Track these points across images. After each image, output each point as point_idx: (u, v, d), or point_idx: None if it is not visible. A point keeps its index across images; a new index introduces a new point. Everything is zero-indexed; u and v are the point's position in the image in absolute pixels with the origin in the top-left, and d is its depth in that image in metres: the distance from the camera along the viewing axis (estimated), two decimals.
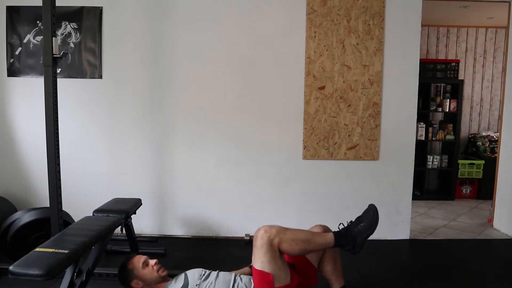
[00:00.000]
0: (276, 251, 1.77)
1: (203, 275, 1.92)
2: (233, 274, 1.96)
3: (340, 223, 1.98)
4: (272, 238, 1.75)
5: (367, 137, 3.26)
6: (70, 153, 3.22)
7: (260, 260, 1.76)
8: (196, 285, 1.86)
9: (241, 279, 1.91)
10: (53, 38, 2.29)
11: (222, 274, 1.94)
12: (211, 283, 1.87)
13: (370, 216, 1.93)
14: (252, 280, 1.88)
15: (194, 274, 1.94)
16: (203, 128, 3.28)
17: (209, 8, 3.18)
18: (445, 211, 4.34)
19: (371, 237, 3.37)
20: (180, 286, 1.87)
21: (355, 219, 1.95)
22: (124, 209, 2.65)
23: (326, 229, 2.07)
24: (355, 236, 1.89)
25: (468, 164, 4.84)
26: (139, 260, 1.92)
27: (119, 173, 3.31)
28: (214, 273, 1.95)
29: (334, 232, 1.91)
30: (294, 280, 1.82)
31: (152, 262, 1.93)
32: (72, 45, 3.21)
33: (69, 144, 3.21)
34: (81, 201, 3.26)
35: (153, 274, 1.90)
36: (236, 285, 1.87)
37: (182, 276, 1.94)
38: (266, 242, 1.75)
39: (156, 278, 1.90)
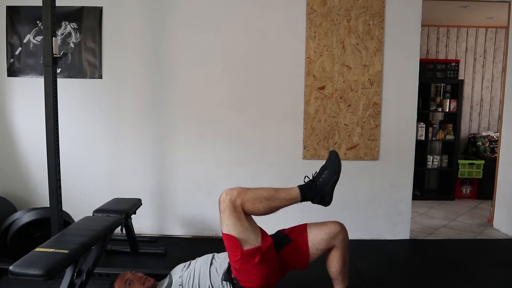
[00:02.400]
0: (240, 212, 1.72)
1: (184, 266, 1.96)
2: (212, 254, 2.00)
3: (305, 176, 1.90)
4: (233, 200, 1.71)
5: (367, 137, 3.26)
6: (70, 153, 3.22)
7: (225, 223, 1.73)
8: (179, 277, 1.88)
9: (218, 256, 1.95)
10: (53, 38, 2.29)
11: (201, 258, 1.98)
12: (192, 269, 1.91)
13: (332, 161, 1.83)
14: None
15: (176, 270, 1.97)
16: (203, 128, 3.28)
17: (209, 8, 3.18)
18: (445, 211, 4.34)
19: (371, 237, 3.39)
20: (165, 286, 1.88)
21: (319, 169, 1.86)
22: (124, 209, 2.65)
23: (343, 228, 1.96)
24: (322, 185, 1.80)
25: (468, 164, 4.84)
26: (122, 280, 1.90)
27: (119, 173, 3.31)
28: (193, 261, 1.98)
29: (300, 186, 1.83)
30: (266, 242, 1.77)
31: (136, 276, 1.92)
32: (72, 45, 3.21)
33: (69, 144, 3.22)
34: (81, 201, 3.26)
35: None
36: (214, 261, 1.91)
37: (167, 277, 1.98)
38: (228, 205, 1.71)
39: None
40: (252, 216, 1.81)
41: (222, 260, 1.92)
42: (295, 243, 1.92)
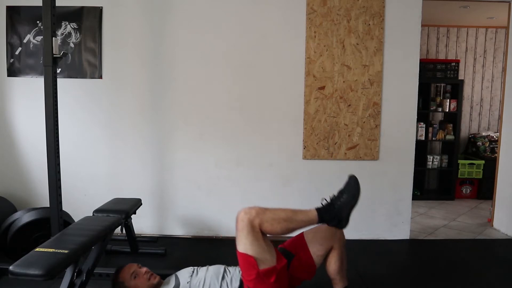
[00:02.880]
0: (258, 233, 1.72)
1: (192, 272, 1.95)
2: (223, 266, 1.98)
3: (322, 198, 1.90)
4: (252, 220, 1.70)
5: (367, 137, 3.26)
6: (70, 153, 3.22)
7: (242, 242, 1.72)
8: (187, 283, 1.87)
9: (229, 270, 1.94)
10: (53, 38, 2.29)
11: (212, 267, 1.96)
12: (202, 278, 1.89)
13: (352, 186, 1.85)
14: (240, 271, 1.89)
15: (184, 273, 1.95)
16: (203, 128, 3.28)
17: (209, 8, 3.18)
18: (445, 211, 4.34)
19: (371, 237, 3.39)
20: (172, 287, 1.88)
21: (337, 192, 1.88)
22: (124, 209, 2.65)
23: (341, 232, 2.03)
24: (339, 209, 1.81)
25: (468, 164, 4.84)
26: (128, 271, 1.90)
27: (119, 173, 3.31)
28: (203, 268, 1.97)
29: (318, 208, 1.84)
30: (281, 262, 1.78)
31: (142, 271, 1.91)
32: (72, 45, 3.21)
33: (69, 144, 3.22)
34: (81, 201, 3.26)
35: (144, 284, 1.89)
36: (226, 275, 1.90)
37: (172, 277, 1.96)
38: (247, 224, 1.70)
39: (148, 286, 1.90)
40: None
41: (233, 275, 1.91)
42: (298, 257, 1.94)
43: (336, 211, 1.81)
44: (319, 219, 1.80)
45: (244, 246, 1.72)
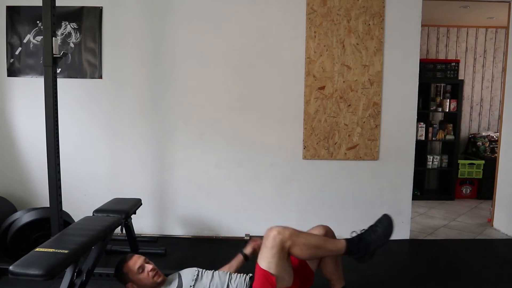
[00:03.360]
0: (285, 253, 1.74)
1: (197, 275, 1.91)
2: (227, 275, 1.93)
3: (352, 231, 1.92)
4: (284, 241, 1.71)
5: (367, 137, 3.26)
6: (70, 153, 3.22)
7: (267, 260, 1.72)
8: (190, 286, 1.85)
9: (234, 281, 1.90)
10: (53, 38, 2.29)
11: (217, 275, 1.92)
12: (207, 285, 1.86)
13: (385, 227, 1.87)
14: (246, 280, 1.88)
15: (187, 274, 1.93)
16: (203, 128, 3.28)
17: (209, 8, 3.18)
18: (445, 211, 4.34)
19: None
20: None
21: (368, 227, 1.89)
22: (124, 209, 2.65)
23: (328, 230, 2.04)
24: (368, 245, 1.83)
25: (468, 164, 4.84)
26: (135, 263, 1.88)
27: (119, 173, 3.31)
28: (209, 274, 1.92)
29: (347, 240, 1.86)
30: (296, 283, 1.81)
31: (149, 267, 1.89)
32: (72, 45, 3.21)
33: (69, 144, 3.21)
34: (81, 201, 3.26)
35: (148, 280, 1.87)
36: (230, 284, 1.87)
37: (176, 276, 1.93)
38: (278, 244, 1.71)
39: (151, 284, 1.88)
40: None
41: (238, 284, 1.88)
42: (296, 268, 1.92)
43: (365, 246, 1.83)
44: (347, 250, 1.83)
45: (268, 264, 1.72)
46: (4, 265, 2.36)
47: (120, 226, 2.47)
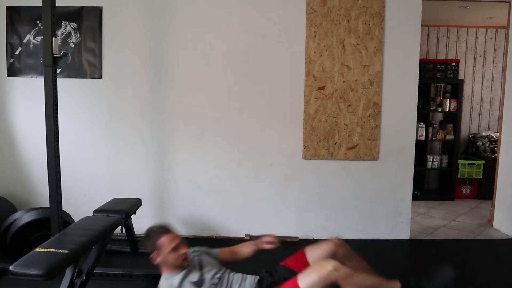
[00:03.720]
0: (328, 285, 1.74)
1: (221, 276, 1.89)
2: (241, 276, 1.93)
3: (402, 277, 1.87)
4: (337, 278, 1.69)
5: (367, 137, 3.26)
6: (70, 153, 3.22)
7: (309, 284, 1.70)
8: (212, 284, 1.84)
9: (248, 282, 1.90)
10: (53, 38, 2.29)
11: (248, 284, 1.91)
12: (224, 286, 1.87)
13: (446, 279, 1.82)
14: (254, 282, 1.88)
15: (210, 271, 1.90)
16: (203, 128, 3.28)
17: (209, 8, 3.18)
18: (445, 211, 4.34)
19: (371, 237, 3.39)
20: (195, 280, 1.83)
21: (427, 275, 1.86)
22: (124, 209, 2.65)
23: (338, 245, 1.99)
24: None
25: (468, 164, 4.84)
26: (172, 241, 1.82)
27: (119, 173, 3.31)
28: (237, 278, 1.92)
29: (402, 284, 1.83)
30: None
31: (182, 251, 1.83)
32: (72, 45, 3.21)
33: (69, 144, 3.21)
34: (81, 201, 3.26)
35: (175, 261, 1.82)
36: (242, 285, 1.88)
37: (197, 270, 1.90)
38: (330, 279, 1.69)
39: (176, 265, 1.83)
40: None
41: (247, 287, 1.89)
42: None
43: None
44: None
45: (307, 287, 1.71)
46: (4, 265, 2.36)
47: (120, 226, 2.48)
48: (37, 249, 1.72)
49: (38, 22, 3.18)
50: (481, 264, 2.88)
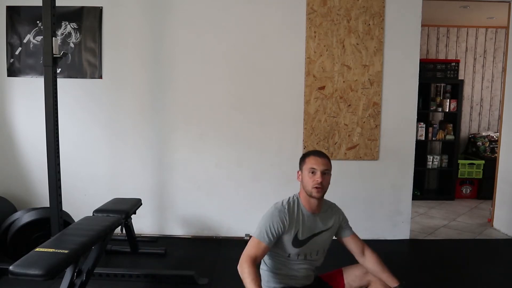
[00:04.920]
0: None
1: (313, 257, 1.84)
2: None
3: None
4: None
5: (367, 137, 3.26)
6: (70, 153, 3.22)
7: None
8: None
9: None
10: (53, 38, 2.29)
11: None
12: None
13: None
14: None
15: (314, 244, 1.82)
16: (203, 128, 3.28)
17: (209, 8, 3.18)
18: (445, 211, 4.34)
19: (371, 237, 3.39)
20: (300, 238, 1.75)
21: None
22: (124, 209, 2.65)
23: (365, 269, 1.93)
24: None
25: (468, 164, 4.84)
26: (312, 164, 1.75)
27: (119, 173, 3.31)
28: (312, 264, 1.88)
29: None
30: None
31: (317, 178, 1.73)
32: (72, 45, 3.21)
33: (69, 144, 3.21)
34: (81, 201, 3.26)
35: (306, 186, 1.76)
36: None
37: (339, 214, 1.91)
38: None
39: (307, 190, 1.76)
40: None
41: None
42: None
43: None
44: None
45: None
46: (4, 265, 2.36)
47: (120, 226, 2.48)
48: (37, 249, 1.72)
49: (38, 22, 3.18)
50: (481, 264, 2.88)
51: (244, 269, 1.60)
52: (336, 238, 1.91)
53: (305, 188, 1.77)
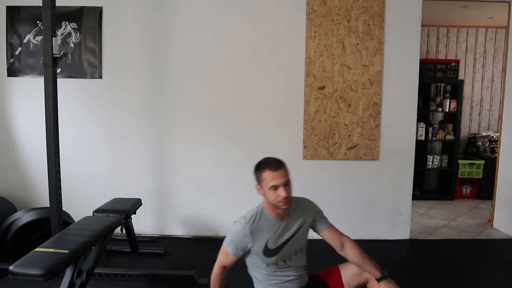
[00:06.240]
0: None
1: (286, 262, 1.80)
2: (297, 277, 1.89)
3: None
4: None
5: (367, 137, 3.26)
6: (70, 153, 3.22)
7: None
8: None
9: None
10: (53, 38, 2.29)
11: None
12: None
13: None
14: None
15: (290, 248, 1.79)
16: (203, 128, 3.28)
17: (209, 8, 3.18)
18: (445, 211, 4.34)
19: (371, 237, 3.39)
20: (271, 248, 1.72)
21: None
22: (124, 209, 2.65)
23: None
24: None
25: (468, 164, 4.84)
26: (273, 179, 1.67)
27: (119, 173, 3.31)
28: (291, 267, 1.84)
29: None
30: None
31: (282, 193, 1.66)
32: (72, 45, 3.21)
33: (69, 144, 3.21)
34: (81, 201, 3.26)
35: (272, 201, 1.69)
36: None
37: (302, 213, 1.83)
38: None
39: (274, 205, 1.71)
40: None
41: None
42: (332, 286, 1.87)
43: None
44: None
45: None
46: (4, 265, 2.37)
47: (120, 226, 2.48)
48: (37, 249, 1.72)
49: (38, 22, 3.18)
50: (481, 264, 2.88)
51: (212, 276, 1.79)
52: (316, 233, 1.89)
53: (270, 202, 1.72)
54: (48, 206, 2.46)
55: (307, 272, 1.89)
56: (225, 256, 1.77)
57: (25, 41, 3.20)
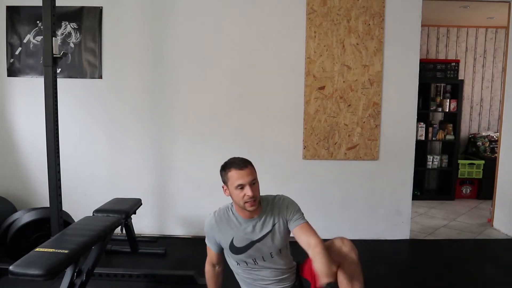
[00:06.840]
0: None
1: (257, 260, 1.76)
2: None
3: None
4: None
5: (367, 137, 3.26)
6: (70, 153, 3.22)
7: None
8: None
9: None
10: (53, 38, 2.29)
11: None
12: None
13: None
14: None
15: (263, 245, 1.74)
16: (203, 128, 3.28)
17: (209, 8, 3.18)
18: (445, 211, 4.34)
19: (371, 237, 3.39)
20: (239, 246, 1.71)
21: None
22: (124, 209, 2.65)
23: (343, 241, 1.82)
24: None
25: (468, 164, 4.84)
26: (238, 179, 1.69)
27: (119, 173, 3.31)
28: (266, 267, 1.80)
29: None
30: None
31: (248, 193, 1.67)
32: (72, 45, 3.21)
33: (69, 144, 3.21)
34: (81, 201, 3.26)
35: (238, 201, 1.69)
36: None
37: (270, 216, 1.76)
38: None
39: (241, 206, 1.70)
40: None
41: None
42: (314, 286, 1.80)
43: None
44: None
45: None
46: (4, 265, 2.37)
47: (120, 226, 2.48)
48: (37, 249, 1.72)
49: (38, 22, 3.18)
50: (481, 264, 2.88)
51: (205, 274, 1.89)
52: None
53: (237, 203, 1.71)
54: (48, 206, 2.46)
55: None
56: (208, 251, 1.86)
57: (25, 41, 3.20)
